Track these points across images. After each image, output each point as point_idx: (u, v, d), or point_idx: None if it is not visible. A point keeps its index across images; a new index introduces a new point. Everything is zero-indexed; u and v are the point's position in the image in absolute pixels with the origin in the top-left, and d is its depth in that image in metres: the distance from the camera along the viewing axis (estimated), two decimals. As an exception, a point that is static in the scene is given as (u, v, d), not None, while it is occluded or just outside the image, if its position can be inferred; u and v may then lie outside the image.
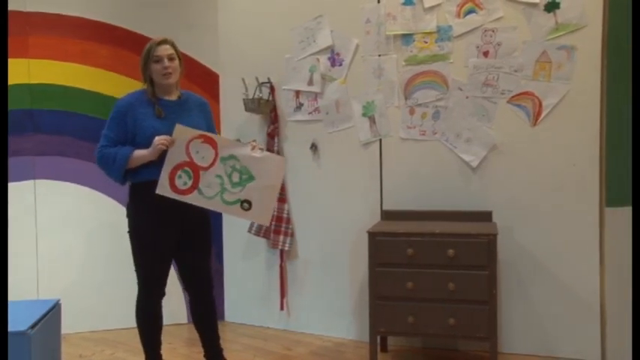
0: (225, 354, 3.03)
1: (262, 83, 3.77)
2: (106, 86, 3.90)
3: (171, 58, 2.76)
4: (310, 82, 3.69)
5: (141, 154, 2.69)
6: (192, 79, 4.02)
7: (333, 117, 3.65)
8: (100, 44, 3.88)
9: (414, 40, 3.41)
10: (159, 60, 2.75)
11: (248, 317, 3.98)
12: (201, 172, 2.73)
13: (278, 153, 3.75)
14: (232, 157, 2.78)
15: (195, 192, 2.73)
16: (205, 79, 4.05)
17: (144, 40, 3.91)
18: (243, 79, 3.79)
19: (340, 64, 3.60)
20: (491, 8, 3.26)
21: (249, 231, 3.81)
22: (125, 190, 3.89)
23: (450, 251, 2.93)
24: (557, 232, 3.24)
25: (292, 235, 3.77)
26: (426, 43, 3.39)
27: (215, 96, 4.05)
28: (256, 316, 3.96)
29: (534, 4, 3.18)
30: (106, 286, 3.90)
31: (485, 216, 3.28)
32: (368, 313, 3.07)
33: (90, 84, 3.87)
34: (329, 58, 3.63)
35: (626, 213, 3.18)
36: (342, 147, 3.62)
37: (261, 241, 3.87)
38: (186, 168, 2.71)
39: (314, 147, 3.70)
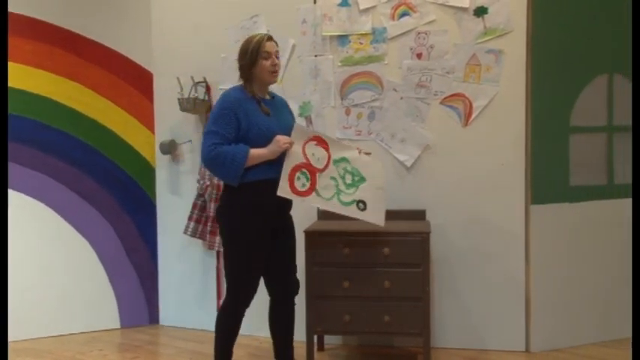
0: (160, 359, 2.97)
1: (198, 83, 3.72)
2: (31, 84, 3.73)
3: (277, 56, 2.71)
4: (246, 82, 3.66)
5: (260, 153, 2.59)
6: (125, 77, 3.92)
7: (270, 117, 3.63)
8: (24, 39, 3.69)
9: (349, 41, 3.45)
10: (268, 56, 2.66)
11: (184, 320, 3.91)
12: (317, 174, 2.75)
13: (214, 153, 3.72)
14: (344, 159, 2.83)
15: (314, 193, 2.75)
16: (138, 78, 3.94)
17: (71, 35, 3.81)
18: (178, 79, 3.72)
19: (276, 64, 3.59)
20: (424, 11, 3.34)
21: (185, 232, 3.74)
22: (58, 195, 3.77)
23: (385, 250, 2.98)
24: (486, 230, 3.35)
25: (229, 236, 3.73)
26: (362, 44, 3.44)
27: (149, 95, 3.96)
28: (192, 319, 3.89)
29: (464, 9, 3.29)
30: (30, 293, 3.72)
31: (419, 214, 3.35)
32: (305, 313, 3.08)
33: (14, 81, 3.68)
34: (265, 58, 3.61)
35: (549, 210, 3.34)
36: (278, 147, 3.61)
37: (197, 243, 3.81)
38: (304, 170, 2.71)
39: (251, 147, 3.68)
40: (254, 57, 2.65)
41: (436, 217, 3.34)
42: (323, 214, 3.47)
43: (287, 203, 2.75)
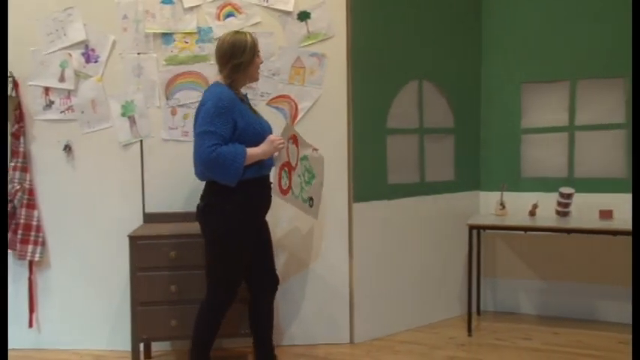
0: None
1: (4, 77, 3.38)
2: None
3: None
4: (62, 79, 3.41)
5: (255, 153, 2.59)
6: None
7: (89, 116, 3.42)
8: None
9: (174, 40, 3.37)
10: (258, 53, 2.70)
11: (-9, 340, 3.52)
12: (292, 173, 2.72)
13: (24, 155, 3.41)
14: (305, 157, 2.87)
15: (290, 192, 2.79)
16: None
17: None
18: (-22, 72, 3.36)
19: (96, 61, 3.39)
20: (250, 13, 3.37)
21: (-9, 243, 3.39)
22: None
23: (213, 251, 2.95)
24: (314, 227, 3.46)
25: (43, 244, 3.44)
26: (187, 43, 3.37)
27: (-56, 90, 3.51)
28: None
29: (288, 13, 3.37)
30: None
31: (248, 215, 3.36)
32: (129, 321, 2.95)
33: None
34: (83, 54, 3.39)
35: (370, 207, 3.55)
36: (99, 148, 3.42)
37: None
38: (286, 169, 2.77)
39: (68, 148, 3.43)
40: (252, 54, 2.66)
41: (264, 217, 3.38)
42: (149, 218, 3.35)
43: (270, 200, 2.77)
